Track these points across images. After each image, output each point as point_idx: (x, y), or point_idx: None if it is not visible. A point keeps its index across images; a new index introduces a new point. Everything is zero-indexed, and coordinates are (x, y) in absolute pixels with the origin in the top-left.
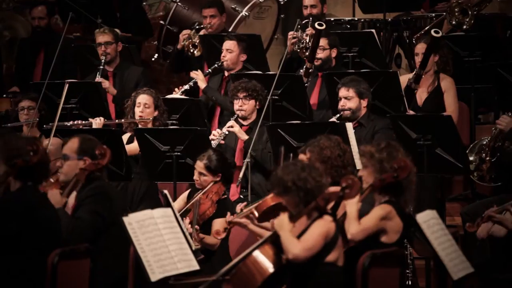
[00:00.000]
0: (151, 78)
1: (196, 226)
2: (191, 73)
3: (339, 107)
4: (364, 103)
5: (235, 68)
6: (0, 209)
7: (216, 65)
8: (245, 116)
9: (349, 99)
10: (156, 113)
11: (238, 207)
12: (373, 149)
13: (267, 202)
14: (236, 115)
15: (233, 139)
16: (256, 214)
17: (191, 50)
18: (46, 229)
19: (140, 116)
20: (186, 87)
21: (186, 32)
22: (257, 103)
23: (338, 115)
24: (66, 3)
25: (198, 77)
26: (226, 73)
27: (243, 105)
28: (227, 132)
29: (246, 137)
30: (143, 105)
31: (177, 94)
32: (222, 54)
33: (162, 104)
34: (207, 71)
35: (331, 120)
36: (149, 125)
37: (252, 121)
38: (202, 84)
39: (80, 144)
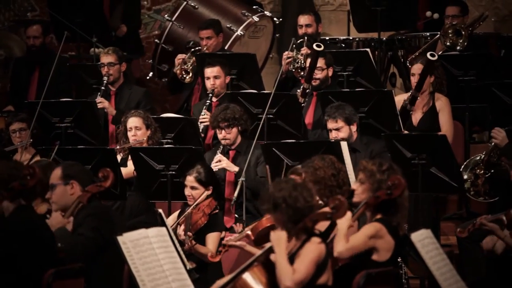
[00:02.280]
0: (153, 98)
1: (189, 233)
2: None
3: (331, 138)
4: (353, 128)
5: (223, 92)
6: (1, 230)
7: (210, 95)
8: (230, 143)
9: (339, 129)
10: (148, 132)
11: (236, 227)
12: (375, 168)
13: (262, 223)
14: (221, 147)
15: (221, 170)
16: (252, 236)
17: (184, 76)
18: (44, 248)
19: (134, 139)
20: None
21: (181, 56)
22: (239, 128)
23: None
24: (61, 22)
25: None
26: (214, 99)
27: (227, 135)
28: (216, 169)
29: (236, 169)
30: (135, 129)
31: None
32: (211, 82)
33: (153, 122)
34: (208, 103)
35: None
36: (144, 145)
37: (238, 144)
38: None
39: (63, 170)
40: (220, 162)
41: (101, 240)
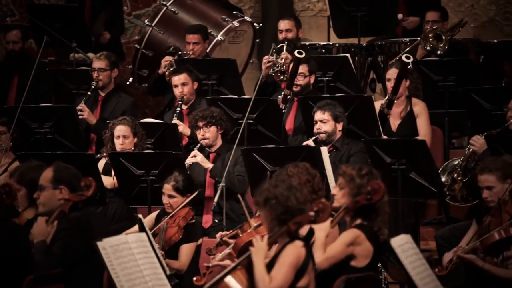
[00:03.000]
0: (138, 108)
1: (161, 252)
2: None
3: (315, 130)
4: (339, 126)
5: (192, 98)
6: None
7: (180, 103)
8: (209, 144)
9: (324, 122)
10: (135, 140)
11: (218, 235)
12: (354, 173)
13: (242, 239)
14: (199, 144)
15: (202, 172)
16: (234, 254)
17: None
18: (19, 258)
19: (121, 148)
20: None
21: (168, 58)
22: (219, 128)
23: (314, 137)
24: (40, 27)
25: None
26: (184, 107)
27: (205, 133)
28: (190, 163)
29: (210, 165)
30: (122, 137)
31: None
32: (179, 90)
33: (140, 129)
34: (178, 111)
35: (306, 142)
36: None
37: (219, 147)
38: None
39: (55, 173)
40: (195, 157)
41: (73, 256)
